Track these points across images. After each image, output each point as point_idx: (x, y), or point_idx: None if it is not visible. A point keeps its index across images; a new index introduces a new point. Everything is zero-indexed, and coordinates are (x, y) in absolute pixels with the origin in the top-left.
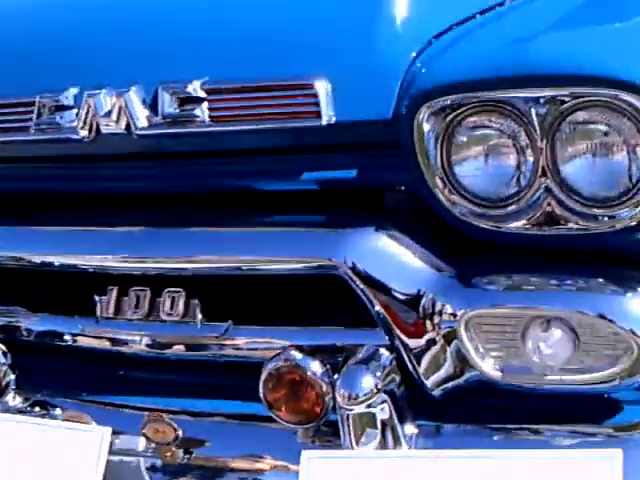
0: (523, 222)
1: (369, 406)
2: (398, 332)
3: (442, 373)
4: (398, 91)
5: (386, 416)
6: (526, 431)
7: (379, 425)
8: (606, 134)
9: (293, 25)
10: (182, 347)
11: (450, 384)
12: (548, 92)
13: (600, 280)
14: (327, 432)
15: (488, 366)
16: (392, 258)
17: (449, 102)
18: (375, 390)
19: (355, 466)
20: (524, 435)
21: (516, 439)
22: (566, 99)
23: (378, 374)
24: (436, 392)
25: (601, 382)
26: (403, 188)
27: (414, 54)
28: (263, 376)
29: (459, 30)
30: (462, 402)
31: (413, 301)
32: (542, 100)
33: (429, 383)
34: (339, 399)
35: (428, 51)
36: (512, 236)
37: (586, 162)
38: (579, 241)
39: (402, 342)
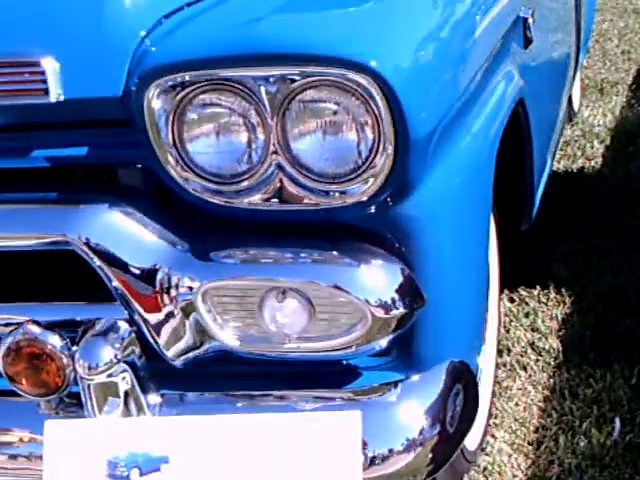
0: (257, 198)
1: (109, 376)
2: (136, 306)
3: (182, 344)
4: (128, 69)
5: (128, 386)
6: (270, 397)
7: (121, 394)
8: (335, 113)
9: (20, 2)
10: None
11: (191, 354)
12: (277, 71)
13: (335, 253)
14: (71, 403)
15: (227, 336)
16: (126, 234)
17: (177, 80)
18: (114, 360)
19: (97, 434)
20: (269, 401)
21: (261, 405)
22: (296, 78)
23: (117, 345)
24: (178, 362)
25: (338, 349)
26: (139, 165)
27: (144, 33)
28: (2, 350)
29: (190, 10)
30: (206, 371)
31: (149, 276)
32: (271, 79)
33: (170, 354)
34: (79, 370)
35: (158, 30)
36: (247, 212)
37: (316, 140)
38: (313, 215)
39: (141, 316)
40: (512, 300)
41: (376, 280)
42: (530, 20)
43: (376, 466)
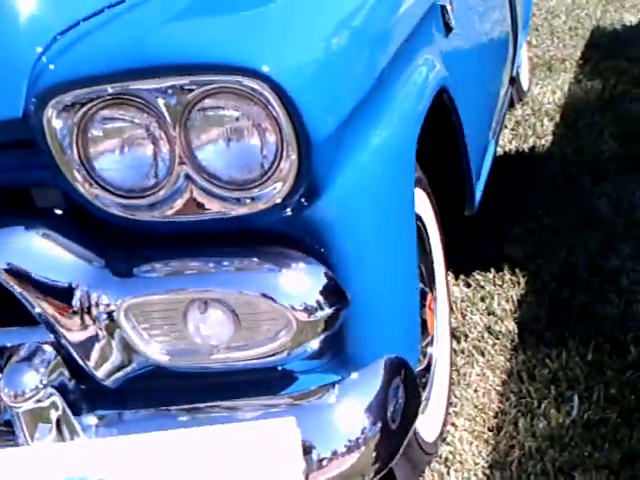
0: (170, 210)
1: (38, 402)
2: (60, 329)
3: (111, 363)
4: (26, 89)
5: (59, 410)
6: (210, 408)
7: (53, 419)
8: (237, 119)
9: None
10: None
11: (121, 373)
12: (171, 82)
13: (255, 260)
14: (8, 432)
15: (155, 351)
16: (44, 256)
17: (73, 98)
18: (40, 386)
19: (29, 462)
20: (208, 412)
21: (200, 417)
22: (192, 87)
23: (42, 370)
24: (109, 382)
25: (269, 355)
26: (50, 185)
27: (40, 50)
28: None
29: (86, 25)
30: (142, 387)
31: (69, 297)
32: (169, 90)
33: (100, 374)
34: (5, 398)
35: (54, 48)
36: (162, 224)
37: (220, 147)
38: (229, 223)
39: (66, 338)
40: (468, 285)
41: (299, 285)
42: (449, 7)
43: (323, 469)
